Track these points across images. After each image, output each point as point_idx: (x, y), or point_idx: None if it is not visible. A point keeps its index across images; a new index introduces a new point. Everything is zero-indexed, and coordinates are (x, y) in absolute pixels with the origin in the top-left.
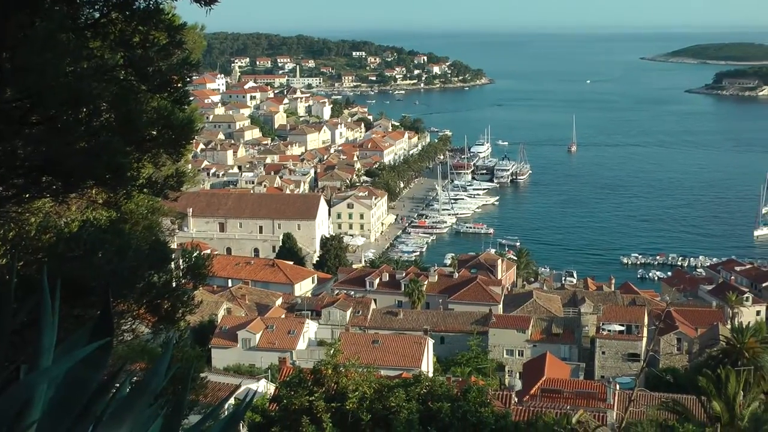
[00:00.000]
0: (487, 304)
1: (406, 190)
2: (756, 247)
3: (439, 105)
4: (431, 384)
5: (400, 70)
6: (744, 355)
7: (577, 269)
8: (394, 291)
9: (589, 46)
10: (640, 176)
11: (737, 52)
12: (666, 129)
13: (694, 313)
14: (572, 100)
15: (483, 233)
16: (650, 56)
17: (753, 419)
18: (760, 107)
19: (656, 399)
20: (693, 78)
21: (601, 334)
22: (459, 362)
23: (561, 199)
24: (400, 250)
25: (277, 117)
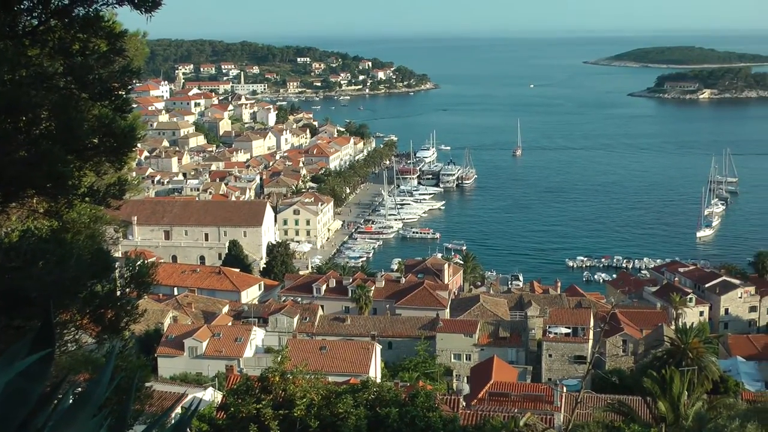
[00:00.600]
0: (434, 309)
1: (353, 196)
2: (699, 249)
3: (384, 110)
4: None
5: (345, 75)
6: (688, 355)
7: (524, 273)
8: (341, 297)
9: (532, 50)
10: (585, 179)
11: (678, 55)
12: (610, 132)
13: (639, 314)
14: (517, 104)
15: (429, 238)
16: (593, 60)
17: (697, 418)
18: (701, 110)
19: (602, 401)
20: (635, 81)
21: (547, 337)
22: (407, 367)
23: (507, 203)
24: (346, 256)
25: (221, 124)
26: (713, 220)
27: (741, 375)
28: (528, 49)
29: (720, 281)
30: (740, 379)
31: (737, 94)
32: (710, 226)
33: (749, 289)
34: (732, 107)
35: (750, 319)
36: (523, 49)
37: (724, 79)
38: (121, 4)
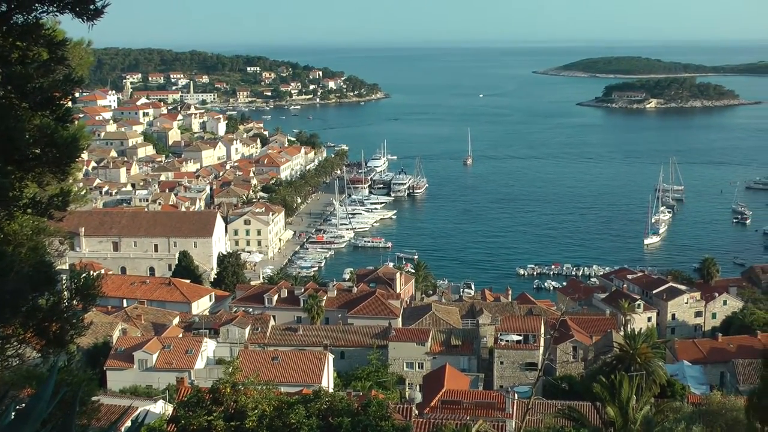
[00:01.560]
0: (387, 318)
1: (304, 206)
2: (646, 255)
3: (335, 120)
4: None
5: (296, 85)
6: (636, 360)
7: (475, 281)
8: (293, 307)
9: (482, 60)
10: (535, 188)
11: (626, 65)
12: (559, 141)
13: (589, 321)
14: (467, 114)
15: (381, 247)
16: (542, 70)
17: (645, 422)
18: (648, 119)
19: (553, 407)
20: (584, 91)
21: (499, 345)
22: (359, 376)
23: (458, 212)
24: (298, 266)
25: (171, 133)
26: (660, 227)
27: (687, 379)
28: (478, 59)
29: (667, 287)
30: (686, 382)
31: (682, 103)
32: (657, 233)
33: (695, 294)
34: (677, 116)
35: (696, 324)
36: (474, 59)
37: (669, 89)
38: (61, 12)
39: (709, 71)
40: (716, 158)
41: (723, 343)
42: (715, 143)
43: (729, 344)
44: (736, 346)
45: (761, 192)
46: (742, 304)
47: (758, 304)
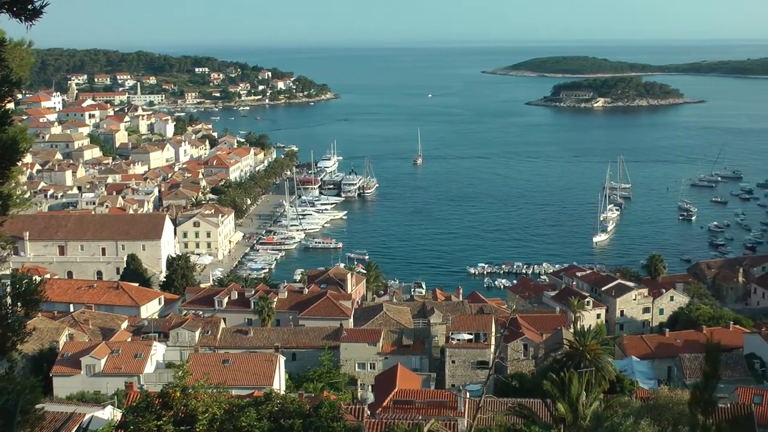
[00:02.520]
0: (338, 319)
1: (254, 207)
2: (595, 253)
3: (284, 120)
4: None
5: (245, 86)
6: (586, 357)
7: (426, 280)
8: (244, 309)
9: (431, 60)
10: (485, 187)
11: (573, 65)
12: (508, 140)
13: (539, 318)
14: (416, 114)
15: (332, 248)
16: (491, 70)
17: (594, 418)
18: (595, 118)
19: (504, 404)
20: (532, 90)
21: (450, 344)
22: (311, 378)
23: (408, 212)
24: (248, 268)
25: (118, 135)
26: (608, 225)
27: (636, 374)
28: (427, 59)
29: (615, 284)
30: (635, 378)
31: (629, 102)
32: (606, 230)
33: (643, 291)
34: (624, 115)
35: (644, 320)
36: (423, 59)
37: (616, 88)
38: None
39: (654, 70)
40: (662, 156)
41: (670, 338)
42: (661, 141)
43: (676, 339)
44: (682, 341)
45: (706, 189)
46: (688, 299)
47: (704, 299)
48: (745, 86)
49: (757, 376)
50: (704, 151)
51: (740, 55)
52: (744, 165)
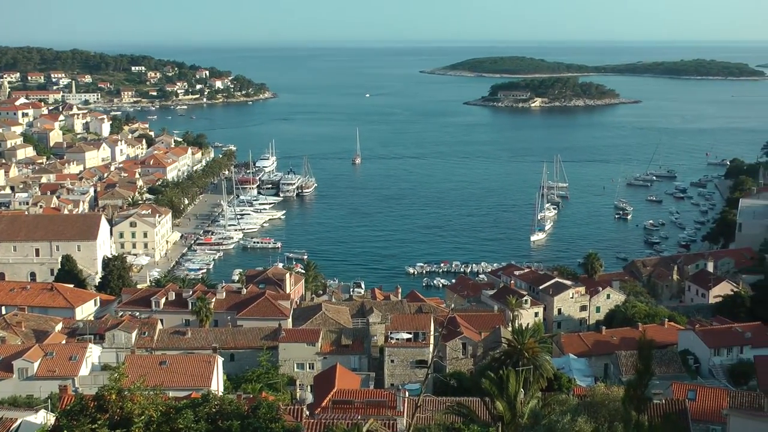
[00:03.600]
0: (277, 319)
1: (191, 207)
2: (533, 252)
3: (222, 120)
4: (220, 403)
5: (182, 84)
6: (524, 355)
7: (365, 280)
8: (181, 310)
9: (369, 59)
10: (423, 187)
11: (510, 65)
12: (446, 140)
13: (478, 317)
14: (355, 113)
15: (270, 248)
16: (429, 69)
17: (532, 415)
18: (533, 118)
19: (442, 403)
20: (471, 90)
21: (389, 343)
22: (249, 379)
23: (347, 212)
24: (186, 268)
25: (52, 134)
26: (546, 224)
27: (573, 372)
28: (365, 59)
29: (553, 283)
30: (572, 375)
31: (566, 102)
32: (543, 229)
33: (580, 289)
34: (561, 115)
35: (581, 318)
36: (361, 59)
37: (553, 88)
38: None
39: (591, 71)
40: (599, 156)
41: (607, 336)
42: (598, 141)
43: (612, 337)
44: (619, 339)
45: (641, 188)
46: (624, 297)
47: (639, 297)
48: (679, 87)
49: (691, 372)
50: (639, 151)
51: (674, 57)
52: (678, 164)
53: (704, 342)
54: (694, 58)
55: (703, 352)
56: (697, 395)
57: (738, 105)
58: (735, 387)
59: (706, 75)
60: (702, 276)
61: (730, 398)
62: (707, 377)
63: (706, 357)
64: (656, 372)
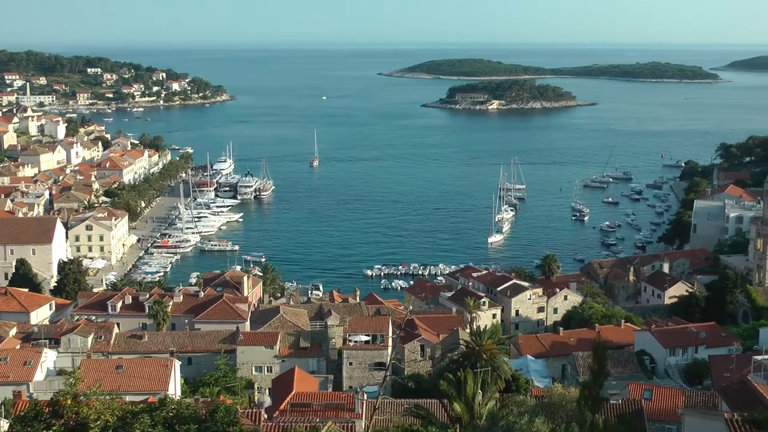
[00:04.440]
0: (234, 322)
1: (148, 210)
2: (491, 253)
3: (180, 122)
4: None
5: (138, 87)
6: (482, 357)
7: (323, 282)
8: (138, 314)
9: (327, 61)
10: (382, 189)
11: (468, 68)
12: (405, 142)
13: (436, 319)
14: (313, 116)
15: (228, 250)
16: (387, 72)
17: (490, 417)
18: (490, 120)
19: (401, 405)
20: (428, 92)
21: (348, 346)
22: (207, 382)
23: (305, 214)
24: (143, 272)
25: (6, 137)
26: (503, 225)
27: (531, 373)
28: (324, 61)
29: (511, 284)
30: (530, 376)
31: (523, 105)
32: (501, 231)
33: (537, 290)
34: (518, 117)
35: (538, 319)
36: (319, 61)
37: (510, 90)
38: None
39: (547, 73)
40: (555, 158)
41: (564, 337)
42: (555, 143)
43: (570, 338)
44: (576, 340)
45: (598, 190)
46: (581, 298)
47: (596, 298)
48: (634, 89)
49: (647, 372)
50: (596, 153)
51: (629, 60)
52: (634, 166)
53: (660, 342)
54: (649, 61)
55: (659, 353)
56: (653, 395)
57: (692, 107)
58: (690, 386)
59: (661, 78)
60: (658, 277)
61: (685, 398)
62: (663, 377)
63: (661, 357)
64: (613, 372)
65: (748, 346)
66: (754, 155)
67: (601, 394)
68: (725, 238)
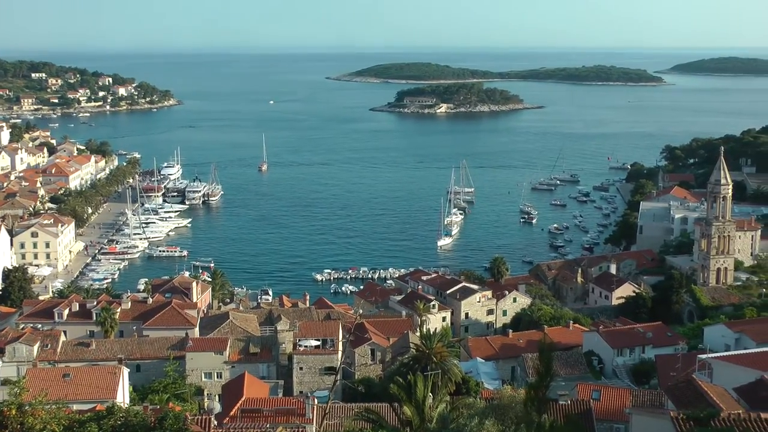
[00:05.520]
0: (183, 328)
1: (95, 216)
2: (440, 257)
3: (127, 127)
4: (126, 415)
5: (84, 92)
6: (432, 360)
7: (273, 287)
8: (85, 321)
9: (275, 65)
10: (331, 193)
11: (416, 71)
12: (353, 146)
13: (386, 323)
14: (261, 120)
15: (176, 256)
16: (335, 76)
17: (440, 420)
18: (439, 124)
19: (351, 410)
20: (377, 96)
21: (298, 351)
22: (156, 389)
23: (254, 219)
24: (90, 278)
25: None
26: (453, 229)
27: (481, 375)
28: (272, 65)
29: (460, 287)
30: (480, 378)
31: (471, 108)
32: (450, 234)
33: (486, 293)
34: (467, 121)
35: (488, 321)
36: (267, 65)
37: (459, 94)
38: None
39: (495, 77)
40: (504, 161)
41: (513, 339)
42: (503, 146)
43: (519, 340)
44: (525, 341)
45: (546, 192)
46: (530, 300)
47: (545, 299)
48: (581, 92)
49: (596, 373)
50: (543, 156)
51: (576, 63)
52: (581, 169)
53: (608, 343)
54: (595, 65)
55: (607, 353)
56: (601, 395)
57: (637, 110)
58: (637, 386)
59: (607, 81)
60: (605, 278)
61: (632, 397)
62: (611, 377)
63: (609, 357)
64: (562, 373)
65: (693, 345)
66: (698, 157)
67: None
68: (671, 239)
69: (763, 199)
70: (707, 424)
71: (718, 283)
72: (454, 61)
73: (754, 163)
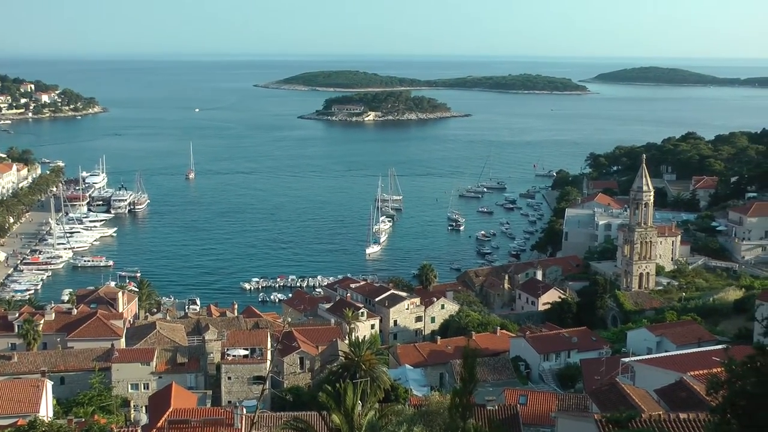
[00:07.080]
0: (109, 339)
1: (17, 226)
2: (369, 264)
3: (50, 135)
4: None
5: (5, 98)
6: (361, 367)
7: (200, 297)
8: (7, 333)
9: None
10: (259, 201)
11: (344, 79)
12: (281, 154)
13: (315, 331)
14: (188, 128)
15: (102, 266)
16: (263, 83)
17: (369, 427)
18: (367, 131)
19: (280, 419)
20: (305, 104)
21: (226, 360)
22: (81, 402)
23: (181, 228)
24: (12, 290)
25: None
26: (381, 236)
27: (410, 382)
28: (198, 73)
29: (389, 294)
30: (409, 385)
31: (399, 116)
32: (378, 242)
33: (415, 300)
34: (395, 129)
35: (416, 328)
36: (194, 72)
37: (386, 102)
38: None
39: (422, 85)
40: (432, 169)
41: (441, 345)
42: (431, 154)
43: (447, 346)
44: (453, 348)
45: (473, 200)
46: (458, 307)
47: (472, 306)
48: (507, 101)
49: (522, 378)
50: (470, 163)
51: (502, 71)
52: (507, 176)
53: (534, 348)
54: (520, 73)
55: (534, 358)
56: (528, 400)
57: (562, 118)
58: (563, 390)
59: (532, 89)
60: (531, 284)
61: (558, 401)
62: (537, 382)
63: (536, 362)
64: (489, 379)
65: (617, 348)
66: (621, 164)
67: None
68: (595, 245)
69: (683, 206)
70: (627, 426)
71: (641, 287)
72: (383, 69)
73: (674, 171)
